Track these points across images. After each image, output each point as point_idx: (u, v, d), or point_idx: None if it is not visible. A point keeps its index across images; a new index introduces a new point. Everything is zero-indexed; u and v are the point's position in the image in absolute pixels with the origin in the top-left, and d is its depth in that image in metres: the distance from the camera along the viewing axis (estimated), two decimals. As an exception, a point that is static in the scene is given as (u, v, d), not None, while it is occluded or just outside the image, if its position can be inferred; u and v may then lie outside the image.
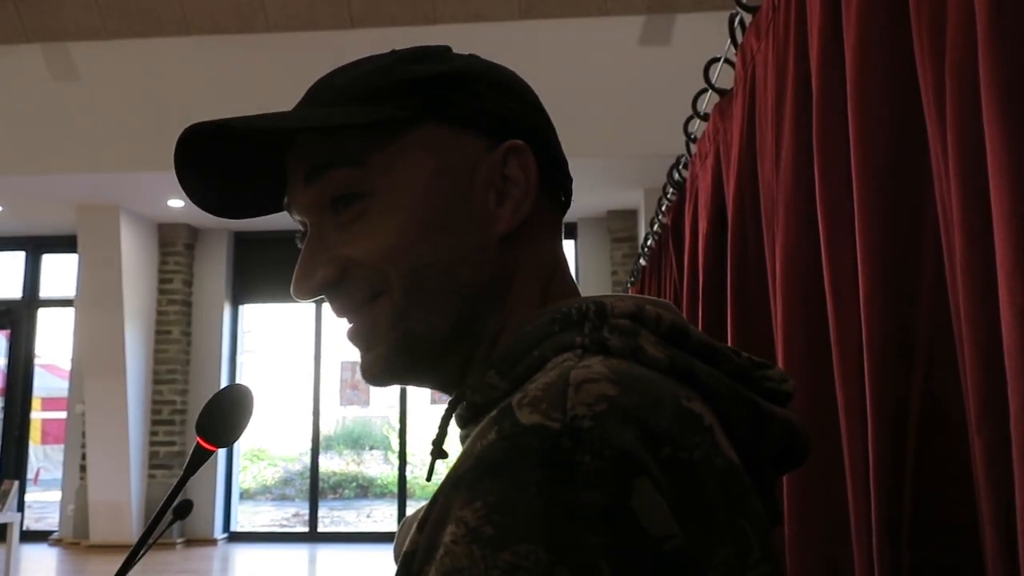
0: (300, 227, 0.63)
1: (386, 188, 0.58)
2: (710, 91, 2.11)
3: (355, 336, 0.61)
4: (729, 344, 0.93)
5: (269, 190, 0.64)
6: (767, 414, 0.54)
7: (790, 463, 0.58)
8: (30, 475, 9.44)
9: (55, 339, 9.69)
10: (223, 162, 0.61)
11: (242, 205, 0.66)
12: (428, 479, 0.68)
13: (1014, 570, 0.65)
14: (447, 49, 0.63)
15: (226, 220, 7.15)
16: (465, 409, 0.57)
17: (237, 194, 0.65)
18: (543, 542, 0.40)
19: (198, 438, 0.91)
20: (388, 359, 0.59)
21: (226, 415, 0.92)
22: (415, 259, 0.57)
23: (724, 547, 0.44)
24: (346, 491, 11.04)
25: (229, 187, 0.64)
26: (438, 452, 0.61)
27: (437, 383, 0.62)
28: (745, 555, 0.45)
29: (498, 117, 0.60)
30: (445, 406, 0.60)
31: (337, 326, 0.64)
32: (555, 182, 0.63)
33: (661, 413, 0.45)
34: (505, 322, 0.59)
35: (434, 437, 0.61)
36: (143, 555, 0.95)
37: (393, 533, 2.00)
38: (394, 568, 0.51)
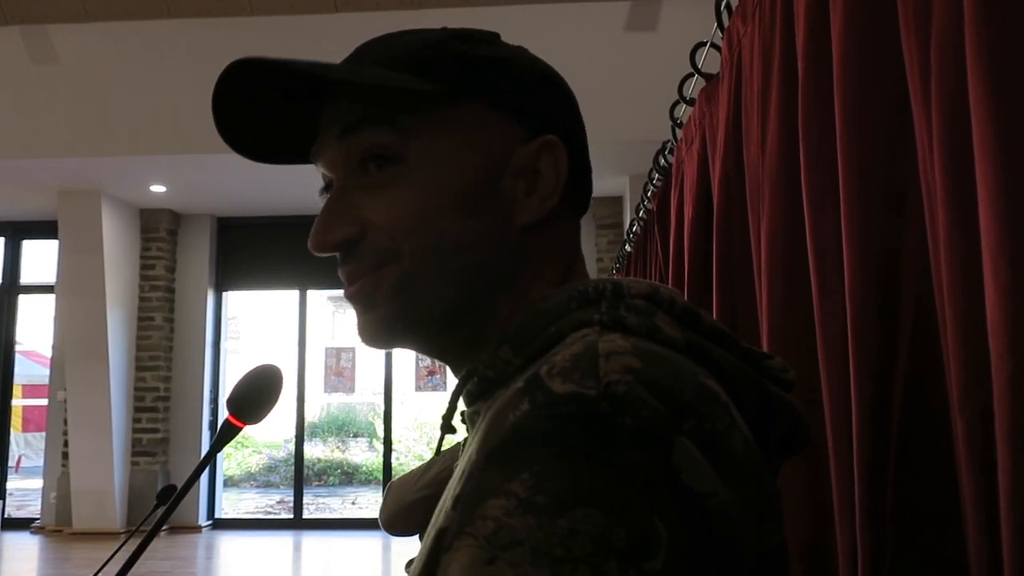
0: (323, 180, 0.63)
1: (419, 159, 0.58)
2: (696, 76, 2.10)
3: (358, 294, 0.60)
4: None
5: (299, 140, 0.64)
6: (775, 398, 0.55)
7: (791, 450, 0.59)
8: (11, 463, 9.37)
9: (36, 325, 9.61)
10: (259, 105, 0.61)
11: (270, 149, 0.65)
12: (437, 453, 0.72)
13: (996, 551, 0.65)
14: (497, 35, 0.64)
15: (208, 205, 7.04)
16: (476, 385, 0.57)
17: (267, 138, 0.65)
18: (597, 505, 0.40)
19: (229, 415, 0.91)
20: (389, 319, 0.59)
21: (258, 393, 0.92)
22: (433, 237, 0.57)
23: (751, 513, 0.45)
24: (331, 478, 11.04)
25: (261, 130, 0.64)
26: (447, 427, 0.63)
27: (438, 352, 0.62)
28: (762, 524, 0.47)
29: (539, 111, 0.61)
30: (433, 391, 0.60)
31: (321, 313, 0.64)
32: (578, 187, 0.64)
33: (684, 385, 0.46)
34: (517, 305, 0.60)
35: (444, 412, 0.62)
36: (126, 542, 0.94)
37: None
38: (378, 553, 0.51)
